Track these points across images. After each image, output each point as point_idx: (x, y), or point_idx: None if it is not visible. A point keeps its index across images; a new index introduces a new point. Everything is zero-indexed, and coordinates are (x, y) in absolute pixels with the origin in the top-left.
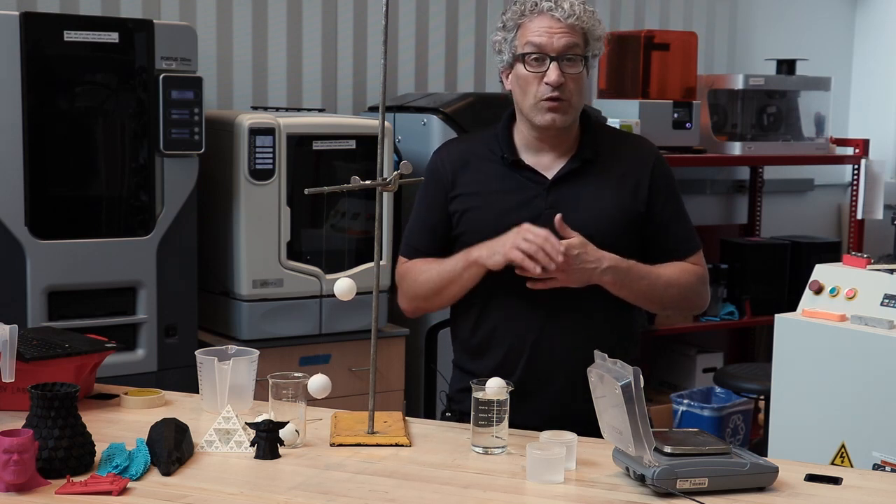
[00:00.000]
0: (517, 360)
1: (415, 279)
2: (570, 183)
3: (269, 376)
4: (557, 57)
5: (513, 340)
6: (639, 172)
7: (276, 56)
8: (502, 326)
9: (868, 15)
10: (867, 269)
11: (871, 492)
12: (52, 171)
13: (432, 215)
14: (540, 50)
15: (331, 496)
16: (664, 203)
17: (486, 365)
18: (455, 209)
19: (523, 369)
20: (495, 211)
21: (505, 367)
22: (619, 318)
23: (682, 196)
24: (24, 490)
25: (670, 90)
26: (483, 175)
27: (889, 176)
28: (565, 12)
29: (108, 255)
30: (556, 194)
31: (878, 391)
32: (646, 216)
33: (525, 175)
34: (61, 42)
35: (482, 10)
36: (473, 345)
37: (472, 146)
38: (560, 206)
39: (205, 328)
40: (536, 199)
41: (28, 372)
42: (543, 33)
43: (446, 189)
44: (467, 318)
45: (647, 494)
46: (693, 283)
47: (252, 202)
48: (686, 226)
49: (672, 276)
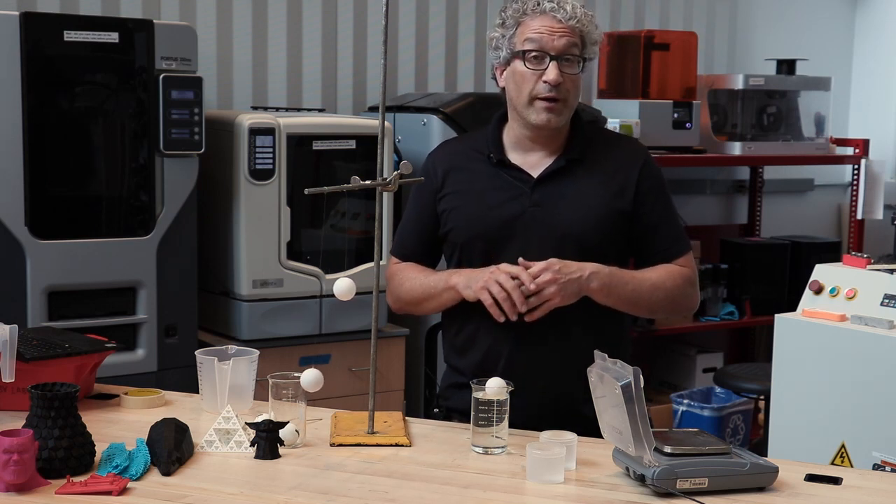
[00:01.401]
0: (497, 359)
1: (400, 284)
2: (556, 181)
3: (269, 376)
4: (557, 56)
5: (494, 339)
6: (626, 172)
7: (276, 56)
8: (484, 325)
9: (868, 15)
10: (867, 269)
11: (871, 492)
12: (52, 171)
13: (421, 217)
14: (540, 48)
15: (331, 496)
16: (652, 204)
17: (470, 362)
18: (442, 208)
19: (503, 368)
20: (481, 209)
21: (486, 365)
22: (600, 326)
23: (672, 198)
24: (24, 490)
25: (670, 90)
26: (470, 174)
27: (889, 176)
28: (567, 14)
29: (108, 255)
30: (540, 192)
31: (878, 391)
32: (633, 216)
33: (511, 174)
34: (61, 42)
35: (482, 10)
36: (459, 343)
37: (463, 147)
38: (544, 203)
39: (205, 328)
40: (521, 197)
41: (28, 372)
42: (544, 32)
43: (435, 190)
44: (453, 316)
45: (647, 494)
46: (680, 286)
47: (252, 202)
48: (675, 227)
49: (657, 280)
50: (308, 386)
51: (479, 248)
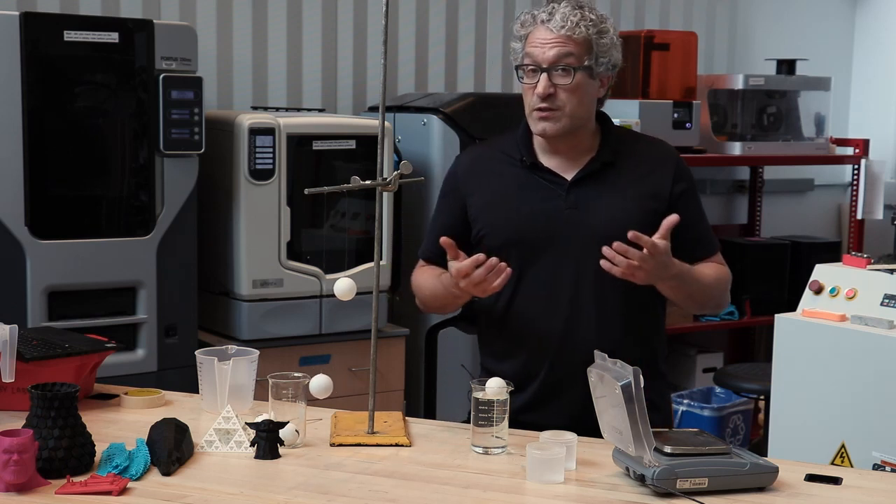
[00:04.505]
0: (541, 362)
1: (419, 288)
2: (590, 184)
3: (269, 376)
4: (548, 68)
5: (536, 343)
6: (659, 174)
7: (276, 56)
8: (525, 329)
9: (868, 15)
10: (867, 269)
11: (871, 492)
12: (52, 171)
13: (448, 221)
14: (533, 61)
15: (331, 496)
16: (686, 205)
17: (511, 367)
18: (474, 214)
19: (547, 371)
20: (515, 212)
21: (528, 369)
22: (640, 319)
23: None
24: (24, 490)
25: (670, 90)
26: (502, 178)
27: (889, 176)
28: (557, 24)
29: (108, 255)
30: (575, 194)
31: (878, 391)
32: (667, 216)
33: (544, 177)
34: (61, 42)
35: (482, 10)
36: (498, 348)
37: (491, 151)
38: (580, 206)
39: (205, 328)
40: (556, 200)
41: (28, 372)
42: (537, 45)
43: (462, 195)
44: (491, 322)
45: (647, 494)
46: (726, 285)
47: (252, 202)
48: (707, 227)
49: (713, 278)
50: (318, 392)
51: (515, 250)
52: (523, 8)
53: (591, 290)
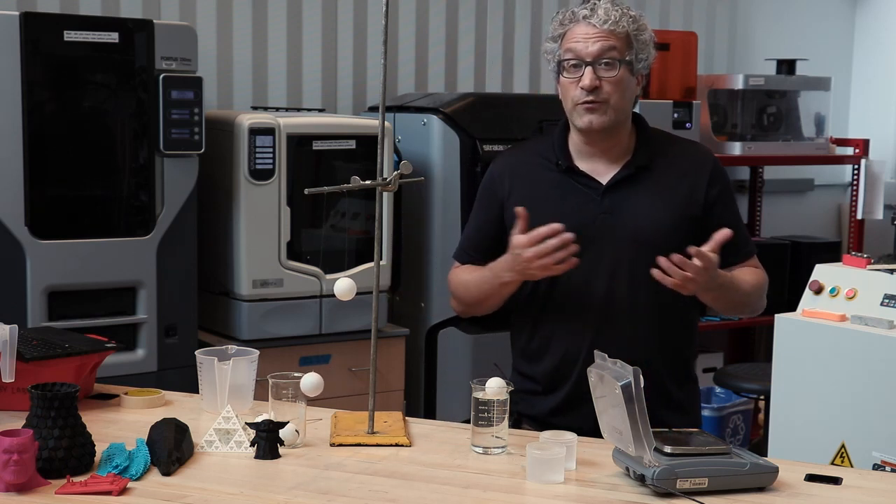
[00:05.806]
0: (573, 365)
1: (456, 288)
2: (625, 188)
3: (269, 376)
4: (592, 62)
5: (568, 346)
6: (695, 178)
7: (276, 56)
8: (558, 332)
9: (868, 15)
10: (867, 269)
11: (871, 492)
12: (52, 171)
13: (485, 225)
14: (576, 56)
15: (331, 496)
16: (722, 208)
17: (543, 369)
18: (511, 217)
19: (579, 373)
20: (551, 216)
21: (561, 372)
22: (672, 322)
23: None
24: (24, 490)
25: (670, 90)
26: (538, 182)
27: (889, 176)
28: (600, 19)
29: (108, 255)
30: (610, 199)
31: (878, 391)
32: (703, 221)
33: (580, 181)
34: (61, 42)
35: (482, 10)
36: (531, 350)
37: (527, 155)
38: (615, 210)
39: (205, 328)
40: (591, 204)
41: (28, 372)
42: (580, 40)
43: (500, 199)
44: (524, 323)
45: (647, 494)
46: (763, 291)
47: (252, 202)
48: (743, 230)
49: (752, 284)
50: (308, 390)
51: None
52: (524, 8)
53: (624, 294)
